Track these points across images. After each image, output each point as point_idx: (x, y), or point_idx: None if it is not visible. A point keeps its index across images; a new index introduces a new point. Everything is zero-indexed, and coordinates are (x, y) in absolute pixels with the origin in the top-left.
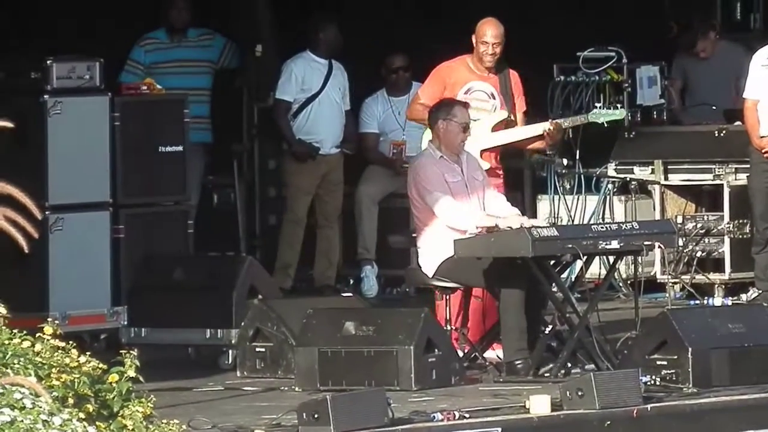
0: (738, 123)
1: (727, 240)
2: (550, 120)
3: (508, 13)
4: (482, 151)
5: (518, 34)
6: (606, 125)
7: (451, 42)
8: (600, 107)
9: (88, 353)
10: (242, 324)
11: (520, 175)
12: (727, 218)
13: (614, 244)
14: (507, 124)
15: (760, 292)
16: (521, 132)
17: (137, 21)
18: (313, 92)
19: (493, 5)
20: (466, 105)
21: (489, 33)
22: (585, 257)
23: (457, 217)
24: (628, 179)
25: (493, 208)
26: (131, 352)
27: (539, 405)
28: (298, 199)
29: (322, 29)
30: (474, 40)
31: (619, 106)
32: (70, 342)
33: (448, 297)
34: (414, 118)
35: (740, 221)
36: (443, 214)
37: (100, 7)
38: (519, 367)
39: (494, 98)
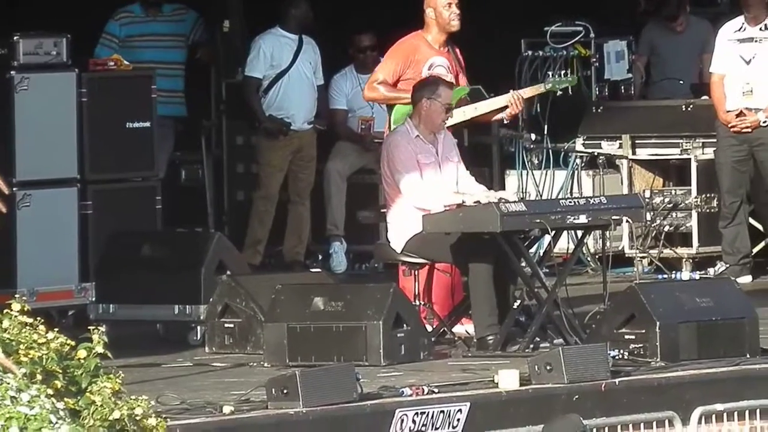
0: (705, 97)
1: (694, 214)
2: (511, 91)
3: None
4: (448, 127)
5: (486, 9)
6: (561, 92)
7: (418, 20)
8: (552, 76)
9: (56, 329)
10: (211, 300)
11: (488, 150)
12: (694, 192)
13: (582, 219)
14: (468, 98)
15: (728, 266)
16: (484, 106)
17: None
18: (283, 68)
19: None
20: (450, 85)
21: None
22: (553, 232)
23: (424, 198)
24: (596, 154)
25: (463, 188)
26: (99, 328)
27: (508, 380)
28: (271, 175)
29: (293, 5)
30: (430, 12)
31: (569, 72)
32: (38, 318)
33: (416, 272)
34: (372, 98)
35: (707, 195)
36: (410, 195)
37: None
38: (490, 342)
39: (450, 73)
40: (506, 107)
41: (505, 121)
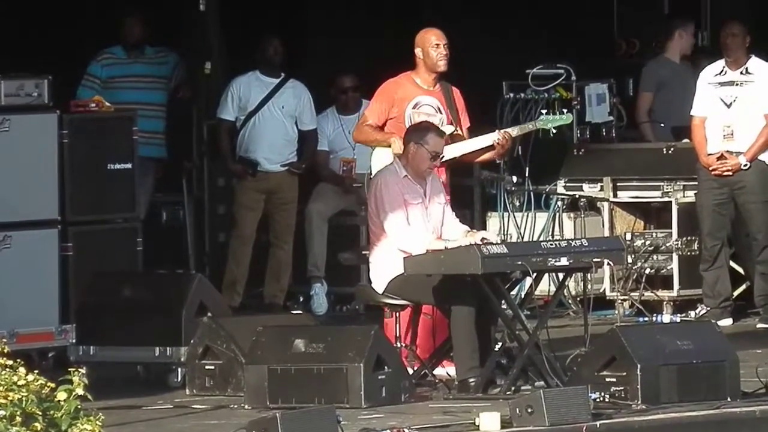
0: (686, 140)
1: (675, 257)
2: (498, 130)
3: (458, 31)
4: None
5: (468, 51)
6: (554, 131)
7: (400, 61)
8: (546, 113)
9: (36, 371)
10: (191, 342)
11: (469, 192)
12: (675, 235)
13: (564, 261)
14: (453, 138)
15: (708, 309)
16: (471, 144)
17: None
18: (250, 110)
19: (442, 24)
20: (442, 134)
21: (434, 35)
22: (534, 274)
23: (408, 241)
24: (577, 196)
25: (448, 233)
26: (79, 370)
27: (489, 422)
28: (242, 215)
29: (259, 48)
30: (419, 53)
31: (565, 111)
32: (18, 360)
33: (398, 314)
34: (361, 140)
35: (688, 238)
36: (394, 237)
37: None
38: (472, 384)
39: (441, 112)
40: (492, 147)
41: (497, 161)
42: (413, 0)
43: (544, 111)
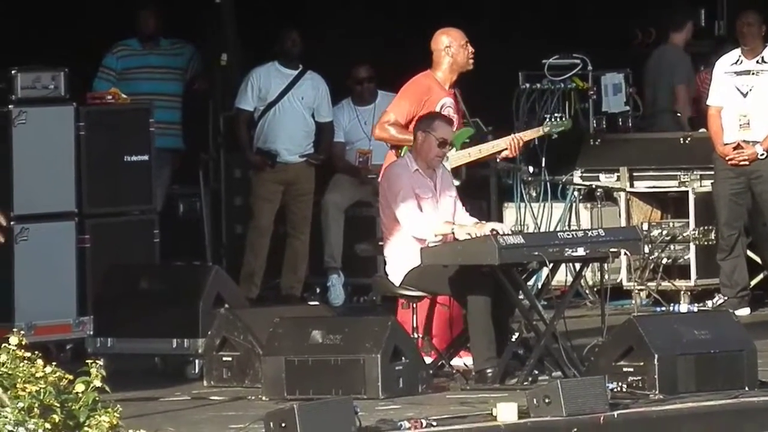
0: (702, 130)
1: (692, 247)
2: (512, 136)
3: (474, 21)
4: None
5: (483, 41)
6: (556, 136)
7: (414, 53)
8: (549, 118)
9: (53, 363)
10: (209, 333)
11: (486, 183)
12: (692, 225)
13: (580, 252)
14: (474, 140)
15: (726, 298)
16: (487, 148)
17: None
18: (270, 100)
19: (457, 14)
20: (449, 121)
21: (460, 35)
22: (551, 264)
23: (417, 225)
24: (593, 186)
25: (456, 221)
26: (97, 361)
27: (506, 412)
28: (260, 206)
29: (279, 39)
30: (446, 51)
31: (564, 117)
32: (36, 352)
33: (415, 305)
34: (384, 139)
35: (705, 228)
36: (404, 221)
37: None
38: (489, 375)
39: (456, 113)
40: (504, 149)
41: (498, 160)
42: None
43: (547, 116)
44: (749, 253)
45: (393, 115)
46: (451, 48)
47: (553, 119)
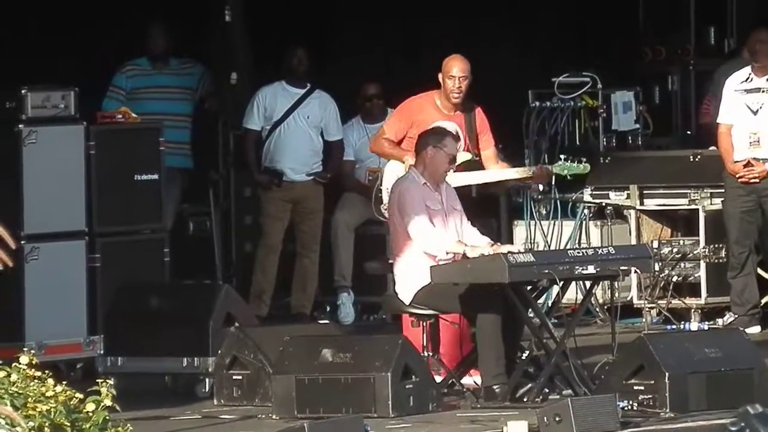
0: (712, 148)
1: (702, 264)
2: (539, 165)
3: (482, 38)
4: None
5: (493, 59)
6: (571, 177)
7: (424, 72)
8: (564, 159)
9: (64, 383)
10: (219, 352)
11: (495, 201)
12: (702, 243)
13: (591, 269)
14: (467, 166)
15: (736, 316)
16: (504, 173)
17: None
18: (275, 120)
19: (466, 29)
20: (457, 138)
21: (455, 68)
22: (561, 282)
23: (430, 241)
24: (603, 204)
25: (467, 239)
26: (108, 381)
27: (517, 431)
28: (269, 224)
29: (285, 58)
30: (441, 77)
31: (584, 160)
32: (47, 371)
33: (425, 324)
34: (376, 151)
35: (716, 246)
36: (417, 236)
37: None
38: (497, 391)
39: (459, 138)
40: (530, 177)
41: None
42: (437, 8)
43: (563, 157)
44: (760, 271)
45: (386, 131)
46: (442, 75)
47: (570, 161)
